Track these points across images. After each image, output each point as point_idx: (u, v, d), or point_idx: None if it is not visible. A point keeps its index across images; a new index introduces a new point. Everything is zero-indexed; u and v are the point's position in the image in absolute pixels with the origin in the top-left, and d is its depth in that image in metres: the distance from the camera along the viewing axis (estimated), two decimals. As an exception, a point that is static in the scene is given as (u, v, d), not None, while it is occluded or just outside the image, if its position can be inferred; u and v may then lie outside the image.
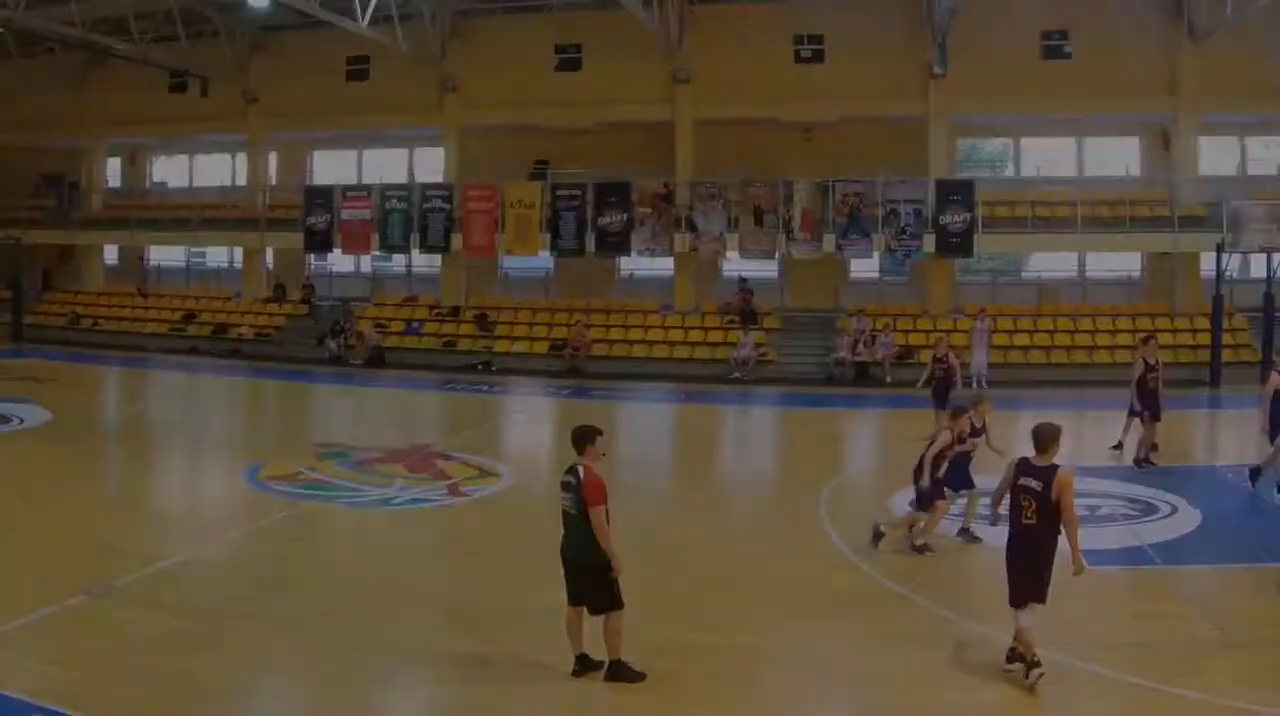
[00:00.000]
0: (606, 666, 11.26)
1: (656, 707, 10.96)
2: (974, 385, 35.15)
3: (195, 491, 22.23)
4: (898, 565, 15.79)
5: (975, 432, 17.37)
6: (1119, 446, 23.72)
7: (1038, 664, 11.24)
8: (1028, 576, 11.34)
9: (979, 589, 15.06)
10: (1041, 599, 11.29)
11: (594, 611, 11.19)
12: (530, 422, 32.27)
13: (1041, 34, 40.11)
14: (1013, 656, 11.61)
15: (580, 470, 11.11)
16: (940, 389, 26.01)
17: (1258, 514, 19.05)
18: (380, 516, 18.85)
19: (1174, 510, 18.80)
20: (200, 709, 10.73)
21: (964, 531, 17.28)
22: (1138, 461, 22.89)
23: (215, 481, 22.45)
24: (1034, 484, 11.28)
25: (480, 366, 39.17)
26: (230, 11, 42.41)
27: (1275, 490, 19.54)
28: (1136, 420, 23.31)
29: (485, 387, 35.76)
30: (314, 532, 17.78)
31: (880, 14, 40.65)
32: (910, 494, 17.33)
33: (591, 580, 11.08)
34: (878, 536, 16.56)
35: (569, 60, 42.03)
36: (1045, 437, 11.45)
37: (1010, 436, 18.12)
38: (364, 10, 35.68)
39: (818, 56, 40.80)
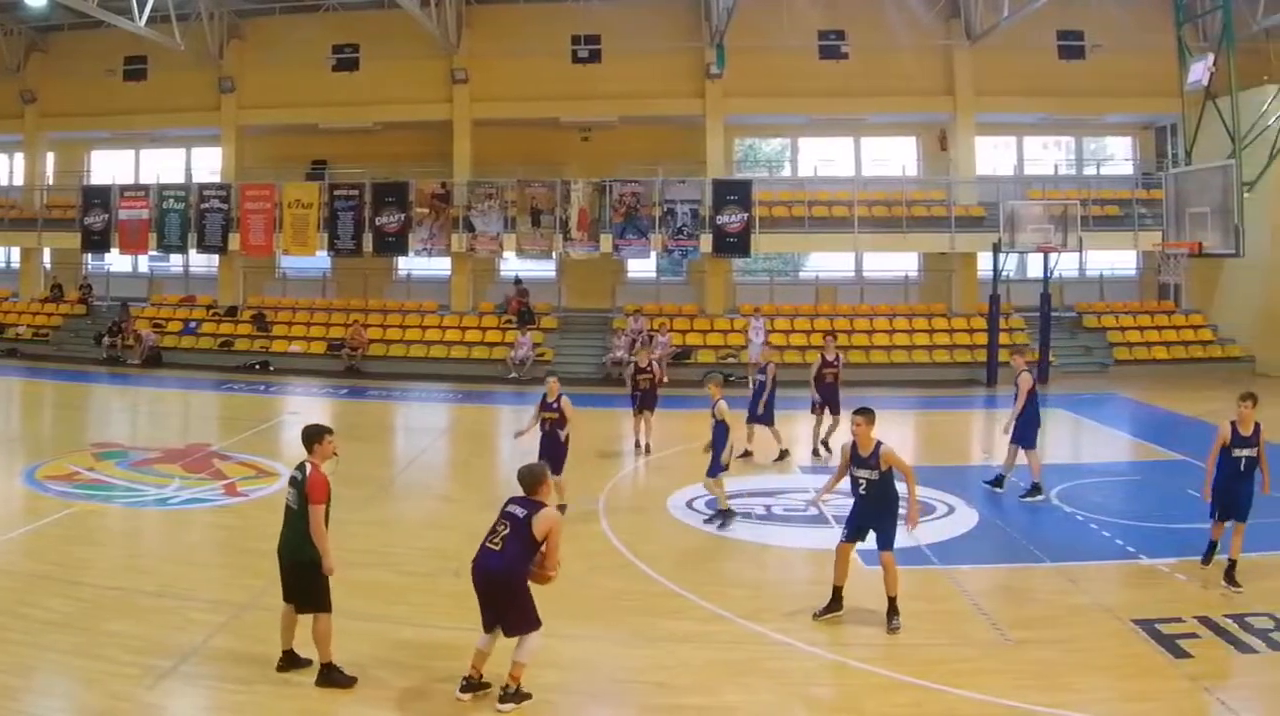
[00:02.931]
0: (318, 670, 11.21)
1: (426, 709, 10.91)
2: (750, 383, 35.11)
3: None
4: (674, 564, 15.69)
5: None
6: (819, 449, 23.99)
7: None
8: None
9: (755, 590, 14.98)
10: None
11: (300, 610, 11.17)
12: (307, 423, 31.59)
13: (819, 34, 40.40)
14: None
15: (308, 467, 11.14)
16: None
17: (1033, 513, 18.99)
18: (158, 516, 18.49)
19: (951, 510, 18.78)
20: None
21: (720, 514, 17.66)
22: (815, 450, 23.52)
23: (-9, 482, 21.74)
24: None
25: (258, 366, 38.53)
26: (6, 11, 41.53)
27: (1034, 491, 19.71)
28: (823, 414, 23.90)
29: (263, 388, 35.08)
30: (91, 532, 17.25)
31: (658, 14, 40.75)
32: (689, 493, 18.04)
33: (303, 578, 11.06)
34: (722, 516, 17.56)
35: (347, 60, 41.60)
36: None
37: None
38: (141, 10, 35.05)
39: (595, 57, 40.70)
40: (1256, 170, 31.07)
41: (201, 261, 44.01)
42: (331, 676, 11.09)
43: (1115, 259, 42.76)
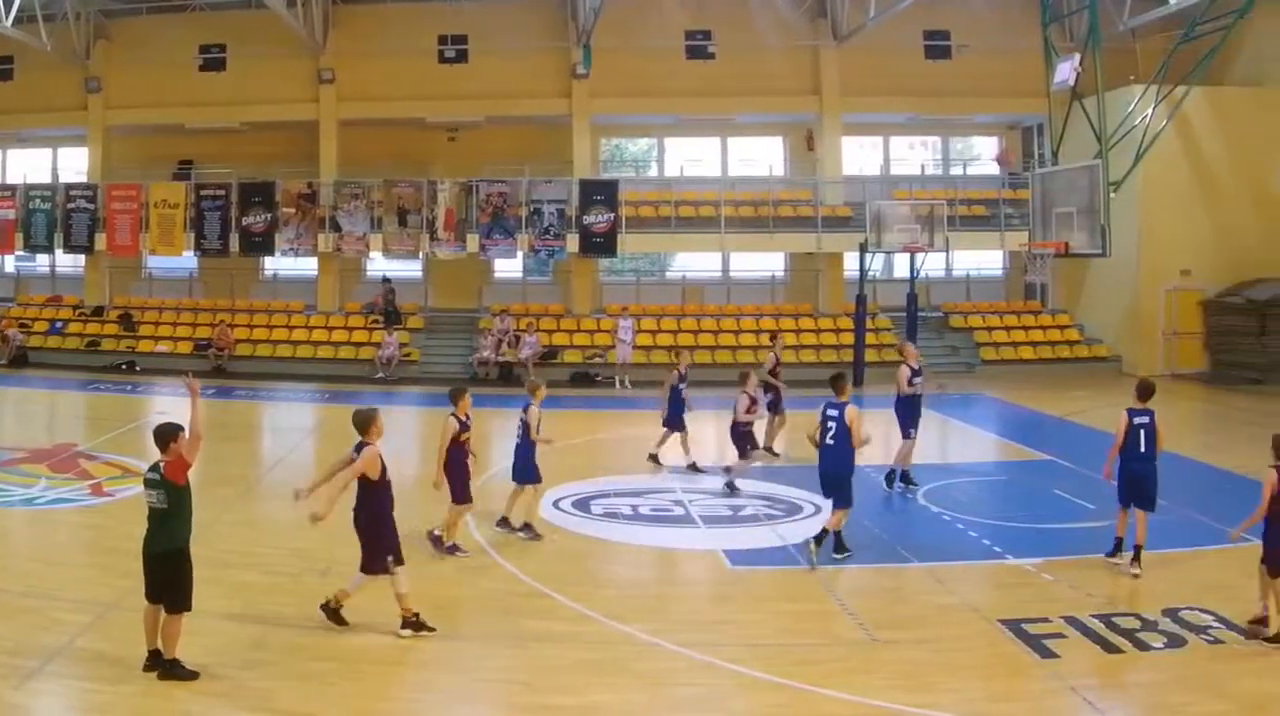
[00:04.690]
0: (162, 664, 11.16)
1: (290, 708, 10.77)
2: (617, 384, 35.22)
3: None
4: (541, 565, 15.60)
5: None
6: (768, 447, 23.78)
7: None
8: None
9: (623, 590, 14.96)
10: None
11: (169, 610, 11.14)
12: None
13: (686, 34, 40.52)
14: None
15: (161, 466, 11.21)
16: None
17: (900, 514, 19.08)
18: (23, 516, 18.30)
19: (818, 510, 18.60)
20: None
21: (520, 525, 17.20)
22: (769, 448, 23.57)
23: None
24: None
25: (124, 366, 38.32)
26: None
27: (898, 481, 19.96)
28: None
29: (129, 388, 34.85)
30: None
31: (525, 15, 40.89)
32: (557, 493, 18.19)
33: (168, 571, 11.10)
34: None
35: (213, 60, 41.37)
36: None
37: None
38: (8, 10, 34.90)
39: (462, 57, 40.69)
40: (1122, 170, 31.04)
41: (68, 261, 43.73)
42: (175, 671, 11.09)
43: (982, 259, 42.98)
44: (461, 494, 15.73)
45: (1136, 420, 15.33)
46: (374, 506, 12.42)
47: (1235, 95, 36.52)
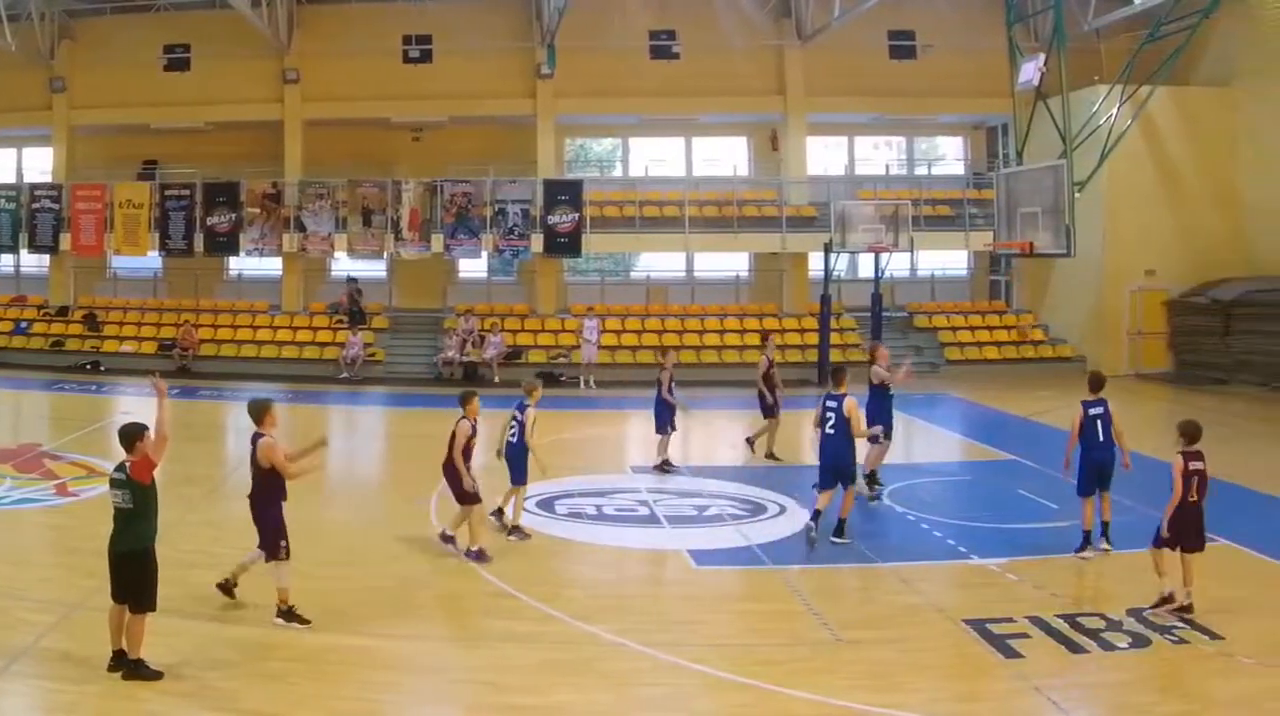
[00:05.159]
0: (126, 664, 11.13)
1: (255, 708, 10.71)
2: (582, 383, 35.23)
3: None
4: (507, 565, 15.50)
5: None
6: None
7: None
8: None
9: (588, 590, 14.93)
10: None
11: (134, 609, 11.12)
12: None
13: (650, 34, 40.51)
14: None
15: (127, 466, 11.21)
16: None
17: (865, 514, 18.91)
18: None
19: (782, 510, 18.78)
20: None
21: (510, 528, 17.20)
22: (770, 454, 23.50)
23: None
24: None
25: (89, 366, 38.11)
26: None
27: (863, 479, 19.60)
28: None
29: (94, 388, 34.65)
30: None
31: (489, 15, 40.80)
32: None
33: (133, 571, 11.09)
34: None
35: (178, 60, 41.11)
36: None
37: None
38: None
39: (426, 57, 40.55)
40: (1087, 170, 31.26)
41: (33, 261, 43.40)
42: (139, 670, 11.05)
43: (946, 259, 43.13)
44: (472, 495, 15.72)
45: (1091, 411, 15.88)
46: (267, 494, 12.89)
47: (1200, 95, 36.80)
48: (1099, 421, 15.79)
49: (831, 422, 16.37)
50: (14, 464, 21.75)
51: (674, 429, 22.34)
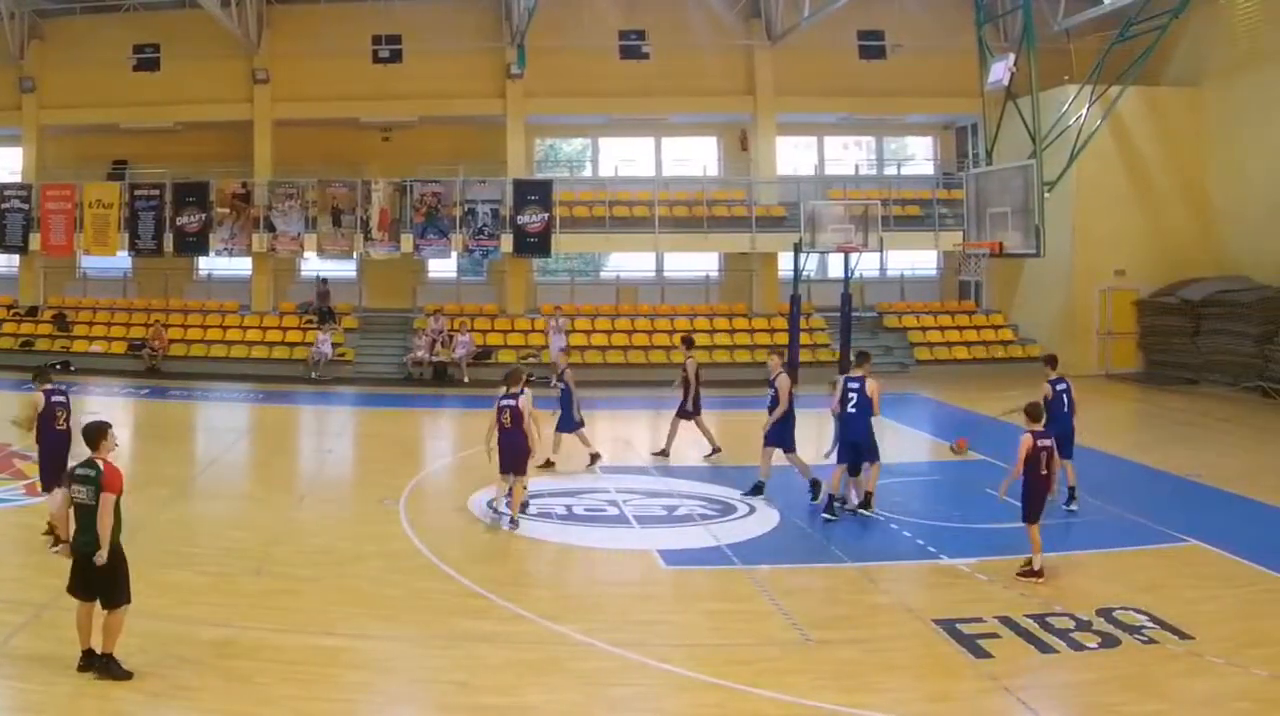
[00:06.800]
0: (98, 661, 11.09)
1: (226, 708, 10.72)
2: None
3: None
4: (475, 565, 15.52)
5: None
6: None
7: None
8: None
9: (557, 590, 14.99)
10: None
11: (106, 605, 11.06)
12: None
13: (619, 34, 40.49)
14: None
15: (100, 463, 11.19)
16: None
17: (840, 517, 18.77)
18: None
19: (751, 510, 18.71)
20: None
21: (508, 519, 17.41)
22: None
23: None
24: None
25: (58, 366, 37.88)
26: None
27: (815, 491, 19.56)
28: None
29: (64, 388, 34.41)
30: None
31: (459, 14, 40.75)
32: (491, 492, 17.94)
33: (102, 572, 11.00)
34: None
35: (148, 60, 40.82)
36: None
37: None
38: None
39: (396, 57, 40.38)
40: (1057, 170, 31.23)
41: (2, 261, 43.15)
42: (111, 668, 11.01)
43: (916, 259, 43.27)
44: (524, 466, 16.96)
45: (1059, 387, 18.36)
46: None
47: (1170, 95, 37.01)
48: (1065, 395, 18.30)
49: (854, 402, 17.86)
50: (-17, 464, 21.49)
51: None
